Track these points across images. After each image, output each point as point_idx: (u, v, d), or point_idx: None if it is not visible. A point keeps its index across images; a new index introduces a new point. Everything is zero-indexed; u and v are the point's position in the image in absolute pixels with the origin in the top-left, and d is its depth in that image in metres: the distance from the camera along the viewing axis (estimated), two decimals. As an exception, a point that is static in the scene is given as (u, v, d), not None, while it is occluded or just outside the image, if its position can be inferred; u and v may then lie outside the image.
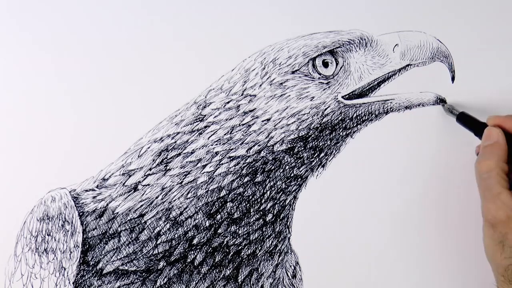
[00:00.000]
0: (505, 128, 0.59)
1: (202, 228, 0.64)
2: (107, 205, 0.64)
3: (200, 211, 0.64)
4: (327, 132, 0.65)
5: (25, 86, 0.68)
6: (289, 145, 0.64)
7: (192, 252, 0.65)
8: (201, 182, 0.64)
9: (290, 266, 0.69)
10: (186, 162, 0.64)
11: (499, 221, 0.55)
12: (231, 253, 0.65)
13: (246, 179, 0.64)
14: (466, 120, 0.64)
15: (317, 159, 0.66)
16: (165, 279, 0.65)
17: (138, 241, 0.64)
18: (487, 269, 0.68)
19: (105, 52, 0.68)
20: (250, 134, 0.64)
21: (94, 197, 0.65)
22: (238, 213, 0.65)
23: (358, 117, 0.65)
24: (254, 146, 0.64)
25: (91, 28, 0.68)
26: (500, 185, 0.56)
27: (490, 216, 0.56)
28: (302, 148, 0.65)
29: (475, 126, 0.63)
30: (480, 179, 0.58)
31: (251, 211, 0.65)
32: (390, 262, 0.69)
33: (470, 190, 0.68)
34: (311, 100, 0.64)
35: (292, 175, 0.65)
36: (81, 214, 0.64)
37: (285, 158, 0.65)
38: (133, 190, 0.64)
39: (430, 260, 0.69)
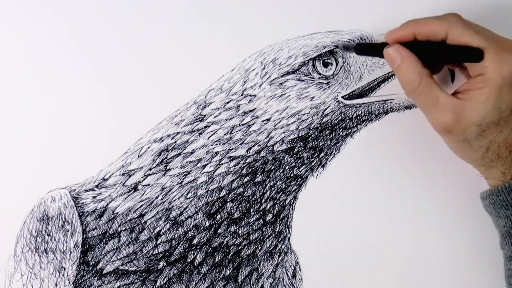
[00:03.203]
0: (403, 40, 0.57)
1: (202, 228, 0.64)
2: (107, 205, 0.64)
3: (200, 211, 0.64)
4: (327, 132, 0.65)
5: (25, 86, 0.68)
6: (289, 145, 0.64)
7: (192, 252, 0.65)
8: (201, 182, 0.64)
9: (290, 266, 0.69)
10: (186, 162, 0.64)
11: (451, 123, 0.55)
12: (231, 253, 0.65)
13: (246, 179, 0.64)
14: (366, 50, 0.62)
15: (317, 159, 0.66)
16: (165, 279, 0.65)
17: (138, 241, 0.64)
18: (489, 269, 0.68)
19: (104, 52, 0.68)
20: (250, 134, 0.64)
21: (94, 197, 0.65)
22: (238, 213, 0.65)
23: (358, 117, 0.65)
24: (254, 146, 0.64)
25: (91, 28, 0.68)
26: (434, 90, 0.55)
27: (441, 123, 0.55)
28: (302, 148, 0.65)
29: (377, 50, 0.60)
30: (414, 96, 0.56)
31: (251, 211, 0.65)
32: (390, 262, 0.69)
33: (470, 189, 0.68)
34: (311, 100, 0.64)
35: (292, 175, 0.65)
36: (81, 214, 0.64)
37: (285, 158, 0.65)
38: (133, 190, 0.64)
39: (430, 260, 0.69)
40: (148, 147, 0.65)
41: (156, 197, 0.64)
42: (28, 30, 0.68)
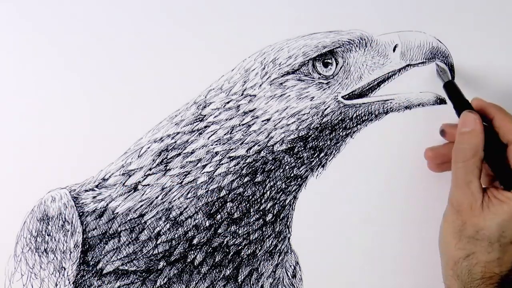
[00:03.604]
0: (485, 114, 0.58)
1: (202, 228, 0.64)
2: (107, 205, 0.64)
3: (200, 211, 0.64)
4: (327, 132, 0.65)
5: (25, 86, 0.68)
6: (289, 145, 0.64)
7: (192, 252, 0.65)
8: (201, 182, 0.64)
9: (290, 266, 0.69)
10: (186, 162, 0.64)
11: (463, 208, 0.55)
12: (231, 253, 0.65)
13: (246, 179, 0.64)
14: (452, 91, 0.62)
15: (317, 159, 0.66)
16: (165, 279, 0.65)
17: (138, 241, 0.64)
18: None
19: (105, 52, 0.68)
20: (250, 134, 0.64)
21: (94, 197, 0.65)
22: (238, 213, 0.65)
23: (358, 117, 0.65)
24: (254, 146, 0.64)
25: (91, 28, 0.68)
26: (473, 174, 0.55)
27: (455, 201, 0.56)
28: (302, 148, 0.65)
29: (458, 100, 0.61)
30: (455, 166, 0.57)
31: (251, 211, 0.65)
32: (390, 262, 0.69)
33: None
34: (311, 100, 0.64)
35: (292, 175, 0.65)
36: (81, 214, 0.64)
37: (285, 158, 0.65)
38: (133, 190, 0.64)
39: (430, 259, 0.69)
40: (148, 147, 0.65)
41: (156, 197, 0.64)
42: (28, 30, 0.68)
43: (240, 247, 0.65)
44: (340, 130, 0.65)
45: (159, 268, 0.64)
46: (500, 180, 0.56)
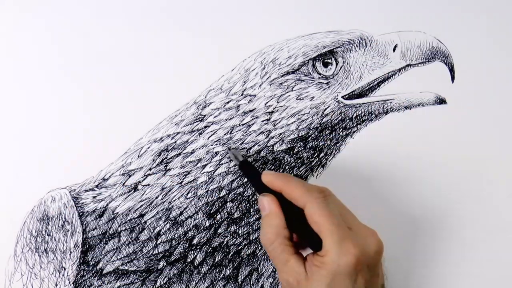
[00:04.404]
0: (275, 189, 0.57)
1: (202, 228, 0.64)
2: (107, 205, 0.64)
3: (200, 211, 0.64)
4: (327, 132, 0.65)
5: (25, 87, 0.68)
6: (289, 145, 0.64)
7: (192, 252, 0.65)
8: (201, 182, 0.64)
9: (290, 266, 0.69)
10: (186, 162, 0.64)
11: (291, 286, 0.55)
12: (231, 253, 0.65)
13: (246, 179, 0.64)
14: (247, 171, 0.61)
15: (317, 159, 0.66)
16: (165, 279, 0.65)
17: (138, 241, 0.64)
18: (489, 270, 0.68)
19: (104, 53, 0.68)
20: (250, 134, 0.64)
21: (94, 197, 0.65)
22: (238, 213, 0.65)
23: (358, 117, 0.65)
24: (254, 146, 0.64)
25: (91, 28, 0.68)
26: (286, 252, 0.55)
27: (284, 283, 0.56)
28: (302, 148, 0.65)
29: (252, 180, 0.60)
30: (267, 251, 0.57)
31: (251, 211, 0.65)
32: (390, 262, 0.69)
33: (470, 189, 0.68)
34: (311, 100, 0.64)
35: (292, 175, 0.65)
36: (81, 214, 0.64)
37: (285, 158, 0.65)
38: (133, 190, 0.64)
39: (430, 259, 0.69)
40: (148, 147, 0.65)
41: (156, 197, 0.64)
42: (28, 30, 0.68)
43: (240, 247, 0.65)
44: (340, 130, 0.65)
45: (159, 268, 0.64)
46: (309, 245, 0.56)
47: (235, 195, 0.64)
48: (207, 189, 0.64)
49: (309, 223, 0.55)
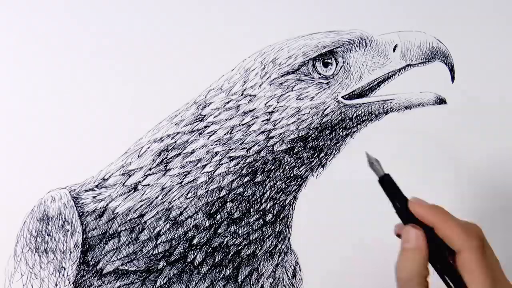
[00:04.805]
0: (425, 221, 0.53)
1: (202, 228, 0.64)
2: (107, 205, 0.64)
3: (200, 211, 0.64)
4: (327, 132, 0.65)
5: (25, 87, 0.68)
6: (289, 145, 0.64)
7: (192, 252, 0.65)
8: (201, 182, 0.64)
9: (290, 266, 0.69)
10: (186, 162, 0.64)
11: None
12: (231, 253, 0.65)
13: (246, 179, 0.64)
14: (389, 186, 0.56)
15: (317, 159, 0.66)
16: (165, 279, 0.65)
17: (138, 241, 0.64)
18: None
19: (104, 53, 0.68)
20: (250, 134, 0.64)
21: (94, 197, 0.65)
22: (238, 213, 0.65)
23: (358, 117, 0.65)
24: (254, 146, 0.64)
25: (91, 28, 0.68)
26: None
27: None
28: (302, 148, 0.65)
29: (396, 196, 0.56)
30: (399, 284, 0.54)
31: (251, 211, 0.65)
32: (390, 262, 0.69)
33: (470, 189, 0.68)
34: (311, 100, 0.64)
35: (292, 175, 0.65)
36: (81, 214, 0.64)
37: (285, 158, 0.65)
38: (133, 190, 0.64)
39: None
40: (148, 147, 0.65)
41: (156, 197, 0.64)
42: (28, 30, 0.68)
43: (240, 247, 0.65)
44: (340, 130, 0.65)
45: (159, 268, 0.64)
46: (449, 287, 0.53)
47: (235, 195, 0.64)
48: (207, 189, 0.64)
49: (460, 268, 0.51)
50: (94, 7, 0.69)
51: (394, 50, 0.65)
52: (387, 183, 0.56)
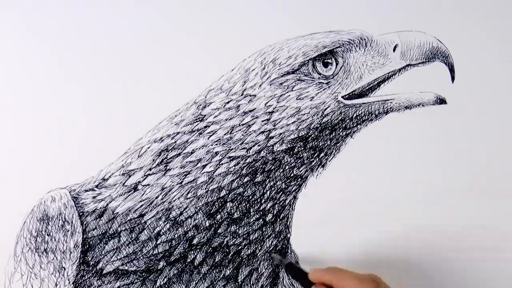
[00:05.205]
0: (324, 281, 0.59)
1: (202, 228, 0.64)
2: (107, 205, 0.64)
3: (200, 211, 0.64)
4: (327, 132, 0.65)
5: (25, 87, 0.68)
6: (289, 145, 0.64)
7: (192, 252, 0.65)
8: (201, 182, 0.64)
9: (290, 266, 0.69)
10: (186, 162, 0.64)
11: None
12: (231, 253, 0.65)
13: (246, 179, 0.64)
14: (292, 271, 0.63)
15: (317, 159, 0.66)
16: (165, 279, 0.65)
17: (138, 241, 0.64)
18: (487, 267, 0.68)
19: (104, 53, 0.68)
20: (250, 134, 0.64)
21: (94, 197, 0.65)
22: (238, 213, 0.65)
23: (358, 117, 0.65)
24: (254, 146, 0.64)
25: (91, 29, 0.68)
26: None
27: None
28: (302, 148, 0.65)
29: (299, 276, 0.62)
30: None
31: (251, 211, 0.65)
32: (390, 262, 0.69)
33: (470, 189, 0.68)
34: (311, 100, 0.64)
35: (292, 175, 0.65)
36: (81, 214, 0.64)
37: (285, 158, 0.65)
38: (133, 190, 0.64)
39: (430, 260, 0.69)
40: (148, 147, 0.65)
41: (156, 197, 0.64)
42: (28, 31, 0.68)
43: (240, 247, 0.65)
44: (340, 130, 0.65)
45: (159, 268, 0.64)
46: None
47: (235, 195, 0.64)
48: (207, 189, 0.64)
49: None
50: (94, 8, 0.69)
51: (394, 50, 0.65)
52: (290, 268, 0.64)
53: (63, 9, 0.69)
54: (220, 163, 0.64)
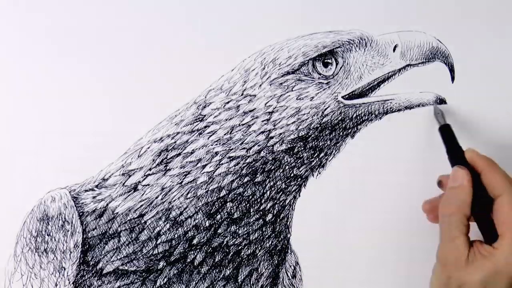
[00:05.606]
0: (476, 168, 0.58)
1: (202, 228, 0.64)
2: (107, 205, 0.64)
3: (200, 211, 0.64)
4: (327, 132, 0.65)
5: (25, 86, 0.68)
6: (289, 145, 0.64)
7: (192, 252, 0.65)
8: (201, 182, 0.64)
9: (290, 266, 0.69)
10: (186, 162, 0.64)
11: (449, 263, 0.55)
12: (231, 253, 0.65)
13: (246, 179, 0.64)
14: (447, 135, 0.63)
15: (317, 159, 0.66)
16: (165, 279, 0.65)
17: (138, 241, 0.64)
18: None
19: (104, 53, 0.68)
20: (250, 134, 0.64)
21: (94, 197, 0.65)
22: (238, 213, 0.65)
23: (358, 117, 0.65)
24: (254, 146, 0.64)
25: (92, 28, 0.68)
26: (458, 230, 0.56)
27: (442, 255, 0.56)
28: (302, 148, 0.65)
29: (451, 145, 0.62)
30: (441, 220, 0.58)
31: (251, 211, 0.65)
32: (390, 262, 0.69)
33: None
34: (311, 100, 0.64)
35: (292, 175, 0.65)
36: (81, 214, 0.64)
37: (285, 158, 0.65)
38: (133, 190, 0.64)
39: (429, 259, 0.69)
40: (148, 147, 0.65)
41: (156, 197, 0.64)
42: (28, 28, 0.68)
43: (240, 247, 0.65)
44: (340, 130, 0.65)
45: (159, 268, 0.64)
46: (483, 234, 0.56)
47: (235, 195, 0.64)
48: (207, 189, 0.64)
49: (494, 213, 0.55)
50: (95, 8, 0.69)
51: (394, 50, 0.65)
52: (446, 132, 0.62)
53: (63, 8, 0.69)
54: (220, 163, 0.64)
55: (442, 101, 0.66)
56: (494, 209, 0.55)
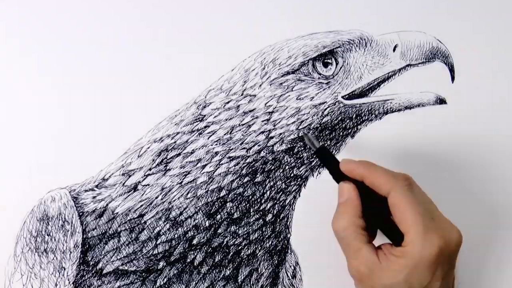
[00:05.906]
0: (355, 177, 0.57)
1: (202, 228, 0.64)
2: (107, 205, 0.64)
3: (200, 211, 0.64)
4: (327, 132, 0.65)
5: (24, 87, 0.68)
6: (289, 145, 0.64)
7: (192, 252, 0.65)
8: (201, 182, 0.64)
9: (290, 266, 0.69)
10: (186, 162, 0.64)
11: (364, 276, 0.54)
12: (231, 253, 0.65)
13: (246, 179, 0.64)
14: (324, 156, 0.60)
15: (317, 159, 0.65)
16: (165, 279, 0.65)
17: (138, 241, 0.64)
18: (483, 269, 0.68)
19: (104, 53, 0.68)
20: (250, 134, 0.64)
21: (94, 197, 0.65)
22: (238, 213, 0.65)
23: (358, 117, 0.65)
24: (254, 146, 0.64)
25: (92, 29, 0.68)
26: (358, 241, 0.55)
27: (354, 271, 0.55)
28: (302, 148, 0.65)
29: (331, 165, 0.59)
30: (338, 238, 0.57)
31: (251, 211, 0.65)
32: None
33: (470, 189, 0.68)
34: (311, 100, 0.64)
35: (292, 175, 0.65)
36: (81, 214, 0.64)
37: (285, 158, 0.65)
38: (133, 190, 0.64)
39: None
40: (148, 147, 0.65)
41: (156, 197, 0.64)
42: (28, 30, 0.68)
43: (240, 247, 0.65)
44: (340, 130, 0.65)
45: (159, 268, 0.64)
46: (388, 237, 0.56)
47: (235, 195, 0.64)
48: (207, 189, 0.64)
49: (391, 211, 0.54)
50: (95, 8, 0.69)
51: (394, 50, 0.65)
52: (322, 154, 0.60)
53: (63, 8, 0.69)
54: (220, 163, 0.64)
55: (442, 101, 0.66)
56: (390, 209, 0.54)
